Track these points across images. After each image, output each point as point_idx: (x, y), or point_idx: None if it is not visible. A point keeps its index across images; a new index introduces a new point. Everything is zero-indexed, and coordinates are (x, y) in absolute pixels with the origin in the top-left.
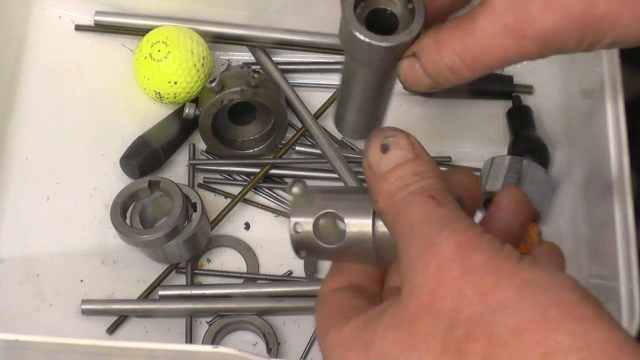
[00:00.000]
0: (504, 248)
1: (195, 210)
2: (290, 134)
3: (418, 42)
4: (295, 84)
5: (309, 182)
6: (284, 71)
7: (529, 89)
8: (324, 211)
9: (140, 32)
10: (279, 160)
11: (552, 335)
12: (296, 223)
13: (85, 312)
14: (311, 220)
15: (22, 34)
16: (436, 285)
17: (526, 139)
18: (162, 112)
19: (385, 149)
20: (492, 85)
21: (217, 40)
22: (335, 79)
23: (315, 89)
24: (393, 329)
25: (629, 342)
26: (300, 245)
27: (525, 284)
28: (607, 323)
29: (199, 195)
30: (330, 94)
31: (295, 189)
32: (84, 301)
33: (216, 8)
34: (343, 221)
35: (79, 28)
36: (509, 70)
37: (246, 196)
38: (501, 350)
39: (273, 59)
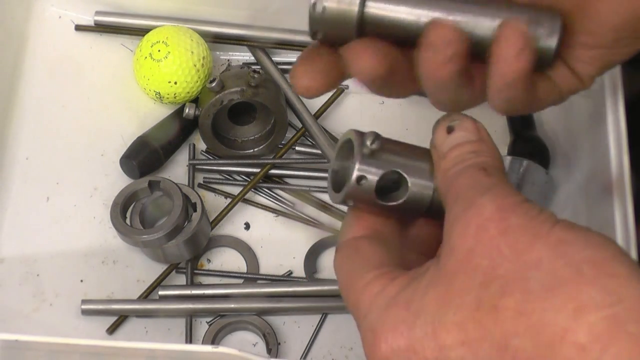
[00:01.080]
0: (542, 213)
1: (195, 210)
2: (290, 134)
3: None
4: None
5: (309, 182)
6: (284, 71)
7: None
8: (391, 169)
9: (140, 32)
10: (279, 160)
11: (586, 290)
12: (361, 177)
13: (85, 312)
14: (376, 176)
15: (23, 34)
16: (474, 243)
17: (526, 139)
18: (162, 112)
19: (450, 130)
20: None
21: (217, 40)
22: None
23: None
24: (432, 287)
25: None
26: (354, 196)
27: (560, 243)
28: None
29: (199, 195)
30: (331, 93)
31: (370, 141)
32: (84, 301)
33: (216, 8)
34: (407, 182)
35: (79, 28)
36: None
37: (246, 196)
38: (535, 305)
39: (273, 59)
